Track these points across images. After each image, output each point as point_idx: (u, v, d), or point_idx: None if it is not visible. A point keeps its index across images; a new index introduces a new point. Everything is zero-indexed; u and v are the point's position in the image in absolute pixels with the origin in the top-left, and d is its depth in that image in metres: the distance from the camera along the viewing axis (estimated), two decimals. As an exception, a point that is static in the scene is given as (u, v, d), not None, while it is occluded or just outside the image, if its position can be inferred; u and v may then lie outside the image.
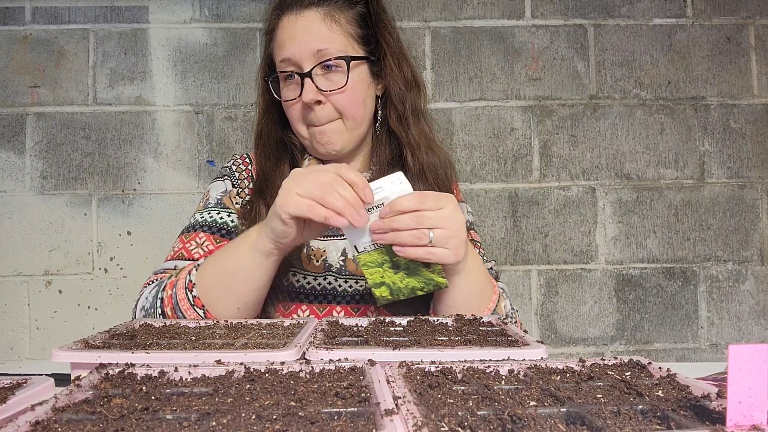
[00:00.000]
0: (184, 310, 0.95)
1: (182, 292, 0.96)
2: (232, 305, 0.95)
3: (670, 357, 1.90)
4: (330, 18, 1.08)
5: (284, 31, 1.09)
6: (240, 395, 0.50)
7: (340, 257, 1.12)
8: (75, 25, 1.87)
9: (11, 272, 1.85)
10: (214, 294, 0.95)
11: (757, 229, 1.91)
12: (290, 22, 1.09)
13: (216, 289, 0.95)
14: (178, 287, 0.97)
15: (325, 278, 1.10)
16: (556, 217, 1.91)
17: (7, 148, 1.86)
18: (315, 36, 1.07)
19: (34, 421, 0.43)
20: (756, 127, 1.93)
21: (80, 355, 0.64)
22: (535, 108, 1.92)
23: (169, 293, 0.98)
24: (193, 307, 0.95)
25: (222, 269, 0.96)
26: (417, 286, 0.90)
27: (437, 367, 0.58)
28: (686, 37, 1.93)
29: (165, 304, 0.97)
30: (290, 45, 1.07)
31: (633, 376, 0.57)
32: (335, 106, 1.08)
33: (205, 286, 0.95)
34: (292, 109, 1.11)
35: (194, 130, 1.89)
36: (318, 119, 1.08)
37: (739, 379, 0.42)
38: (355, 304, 1.10)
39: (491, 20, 1.92)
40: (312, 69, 1.06)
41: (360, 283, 1.11)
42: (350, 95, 1.09)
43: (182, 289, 0.97)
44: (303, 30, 1.07)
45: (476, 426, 0.42)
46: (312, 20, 1.08)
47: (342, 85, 1.07)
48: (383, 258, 0.90)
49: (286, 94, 1.11)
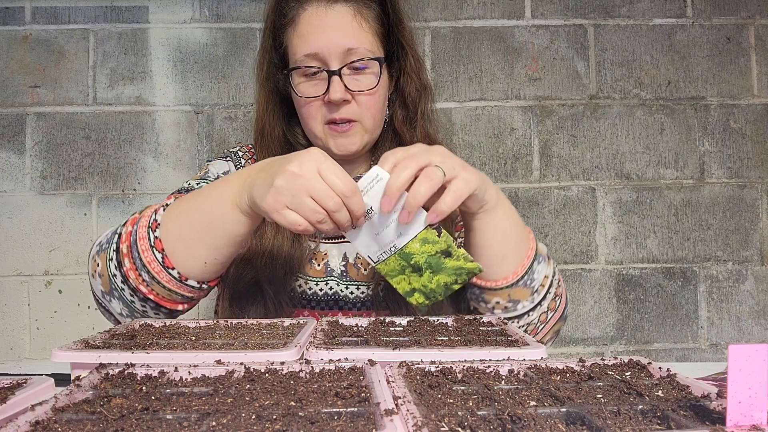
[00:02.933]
0: (141, 250, 0.86)
1: (144, 230, 0.87)
2: (199, 257, 0.86)
3: (670, 357, 1.90)
4: (360, 15, 1.04)
5: (310, 23, 1.03)
6: (240, 395, 0.50)
7: (341, 262, 1.10)
8: (75, 25, 1.87)
9: (11, 272, 1.85)
10: (180, 240, 0.86)
11: (757, 229, 1.91)
12: (318, 14, 1.03)
13: (183, 237, 0.86)
14: (140, 224, 0.88)
15: (326, 284, 1.08)
16: (556, 217, 1.91)
17: (7, 148, 1.86)
18: (347, 33, 1.02)
19: (34, 421, 0.43)
20: (756, 127, 1.93)
21: (80, 355, 0.64)
22: (535, 108, 1.92)
23: (129, 229, 0.89)
24: (152, 248, 0.86)
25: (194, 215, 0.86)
26: (449, 281, 0.83)
27: (437, 367, 0.58)
28: (686, 37, 1.93)
29: (122, 240, 0.88)
30: (318, 39, 1.02)
31: (633, 376, 0.57)
32: (360, 105, 1.05)
33: (171, 229, 0.86)
34: (311, 106, 1.05)
35: (194, 130, 1.89)
36: (339, 119, 1.04)
37: (739, 379, 0.42)
38: (357, 311, 1.08)
39: (491, 20, 1.92)
40: (342, 68, 1.02)
41: (361, 289, 1.09)
42: (377, 97, 1.06)
43: (144, 228, 0.88)
44: (333, 25, 1.02)
45: (476, 426, 0.42)
46: (343, 15, 1.03)
47: (372, 87, 1.04)
48: (401, 263, 0.83)
49: (305, 90, 1.05)
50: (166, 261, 0.86)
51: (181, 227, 0.86)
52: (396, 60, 1.12)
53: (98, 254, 0.92)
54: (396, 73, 1.13)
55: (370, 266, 1.09)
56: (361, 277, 1.10)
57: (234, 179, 0.86)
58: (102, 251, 0.91)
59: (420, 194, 0.77)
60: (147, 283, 0.87)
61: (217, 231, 0.85)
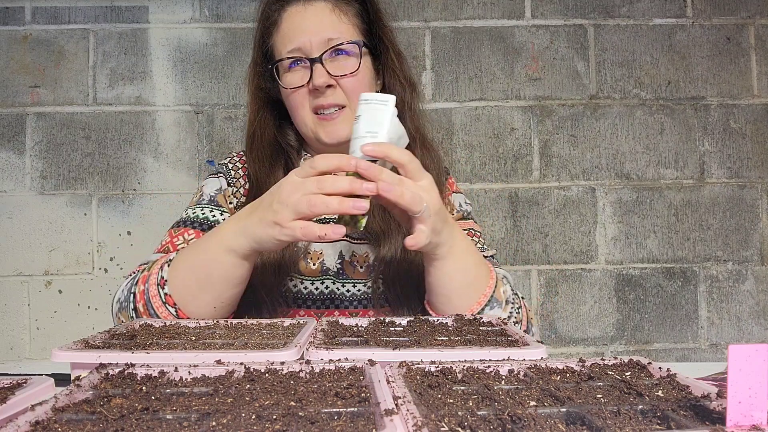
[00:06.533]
0: (156, 307, 0.91)
1: (154, 288, 0.92)
2: (207, 304, 0.91)
3: (670, 357, 1.90)
4: (339, 9, 1.08)
5: (291, 22, 1.08)
6: (240, 395, 0.50)
7: (337, 261, 1.11)
8: (75, 25, 1.88)
9: (11, 272, 1.85)
10: (187, 293, 0.90)
11: (757, 229, 1.92)
12: (298, 12, 1.08)
13: (189, 289, 0.90)
14: (150, 283, 0.93)
15: (322, 282, 1.09)
16: (556, 217, 1.91)
17: (7, 148, 1.86)
18: (326, 25, 1.06)
19: (34, 421, 0.43)
20: (756, 127, 1.93)
21: (80, 355, 0.64)
22: (535, 108, 1.92)
23: (141, 288, 0.93)
24: (165, 305, 0.91)
25: (195, 268, 0.91)
26: None
27: (437, 367, 0.58)
28: (686, 37, 1.93)
29: (137, 299, 0.93)
30: (299, 35, 1.06)
31: (633, 376, 0.57)
32: (345, 90, 1.07)
33: (178, 285, 0.91)
34: (297, 94, 1.08)
35: (194, 130, 1.89)
36: (327, 105, 1.06)
37: (739, 379, 0.42)
38: (353, 309, 1.09)
39: (491, 20, 1.92)
40: (322, 54, 1.05)
41: (358, 287, 1.09)
42: (360, 80, 1.08)
43: (154, 286, 0.92)
44: (312, 20, 1.06)
45: (476, 426, 0.42)
46: (322, 10, 1.07)
47: (354, 69, 1.06)
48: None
49: (290, 81, 1.08)
50: (180, 314, 0.91)
51: (185, 282, 0.91)
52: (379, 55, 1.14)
53: (120, 312, 0.97)
54: (381, 68, 1.15)
55: (367, 264, 1.10)
56: (358, 275, 1.11)
57: (226, 226, 0.91)
58: (123, 309, 0.96)
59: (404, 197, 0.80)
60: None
61: (217, 279, 0.90)
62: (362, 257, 1.12)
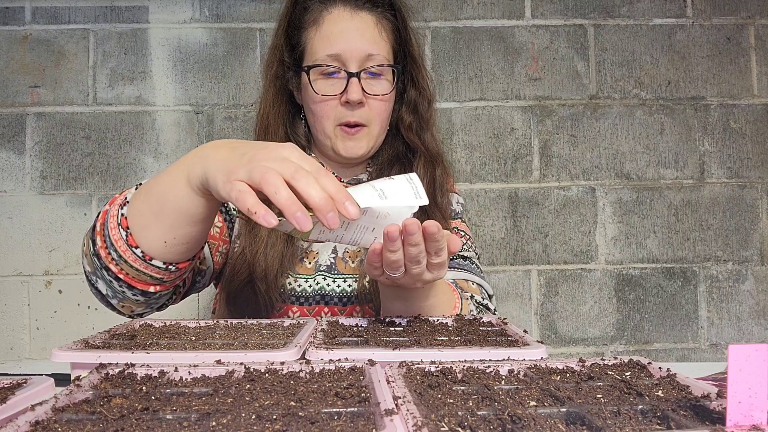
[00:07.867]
0: (110, 228, 0.85)
1: (116, 208, 0.87)
2: (156, 237, 0.82)
3: (670, 357, 1.90)
4: (380, 25, 1.11)
5: (335, 26, 1.09)
6: (240, 395, 0.50)
7: (330, 254, 1.13)
8: (75, 25, 1.87)
9: (11, 272, 1.85)
10: (141, 219, 0.83)
11: (757, 229, 1.91)
12: (343, 18, 1.09)
13: (143, 216, 0.83)
14: (115, 203, 0.88)
15: (314, 279, 1.10)
16: (556, 217, 1.91)
17: (7, 148, 1.86)
18: (368, 39, 1.08)
19: (34, 421, 0.43)
20: (756, 127, 1.93)
21: (80, 355, 0.64)
22: (535, 108, 1.92)
23: (106, 208, 0.89)
24: (119, 226, 0.85)
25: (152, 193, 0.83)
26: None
27: (437, 367, 0.58)
28: (686, 37, 1.93)
29: (99, 218, 0.88)
30: (342, 41, 1.07)
31: (633, 376, 0.57)
32: (371, 109, 1.10)
33: (135, 206, 0.84)
34: (326, 104, 1.09)
35: (194, 130, 1.89)
36: (354, 121, 1.09)
37: (739, 379, 0.42)
38: (342, 306, 1.10)
39: (491, 20, 1.92)
40: (361, 71, 1.07)
41: (348, 282, 1.11)
42: (387, 104, 1.13)
43: (116, 206, 0.87)
44: (357, 30, 1.08)
45: (476, 426, 0.42)
46: (366, 22, 1.10)
47: (386, 92, 1.10)
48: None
49: (323, 88, 1.08)
50: (130, 239, 0.84)
51: (141, 206, 0.84)
52: (404, 72, 1.18)
53: (86, 235, 0.92)
54: (402, 85, 1.19)
55: (358, 259, 1.12)
56: (349, 270, 1.12)
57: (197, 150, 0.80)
58: (88, 231, 0.91)
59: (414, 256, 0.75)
60: (116, 262, 0.86)
61: (169, 209, 0.81)
62: (354, 253, 1.14)
